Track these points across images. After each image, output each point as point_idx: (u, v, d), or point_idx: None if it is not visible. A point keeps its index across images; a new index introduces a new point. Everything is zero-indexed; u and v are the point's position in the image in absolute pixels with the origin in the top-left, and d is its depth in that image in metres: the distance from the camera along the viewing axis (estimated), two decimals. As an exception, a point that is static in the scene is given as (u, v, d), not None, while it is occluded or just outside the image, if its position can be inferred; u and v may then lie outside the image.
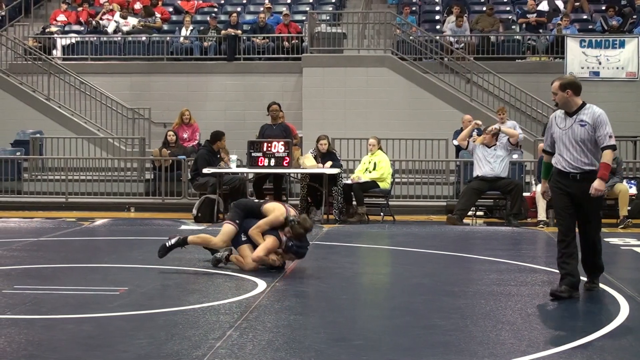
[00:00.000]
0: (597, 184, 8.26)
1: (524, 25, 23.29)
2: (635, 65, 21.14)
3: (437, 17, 24.64)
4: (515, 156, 17.22)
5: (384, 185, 16.22)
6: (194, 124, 19.65)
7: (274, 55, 22.54)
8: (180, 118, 19.55)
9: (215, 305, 7.90)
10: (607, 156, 8.44)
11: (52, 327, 7.00)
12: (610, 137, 8.53)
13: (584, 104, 8.82)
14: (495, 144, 15.94)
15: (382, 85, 20.78)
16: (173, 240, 10.18)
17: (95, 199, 18.78)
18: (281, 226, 9.79)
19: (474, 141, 16.17)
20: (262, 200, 10.33)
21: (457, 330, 6.97)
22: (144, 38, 23.01)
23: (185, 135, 19.40)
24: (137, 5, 24.69)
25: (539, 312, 7.79)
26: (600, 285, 9.14)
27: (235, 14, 23.20)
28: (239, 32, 22.63)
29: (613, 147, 8.52)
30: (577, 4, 24.72)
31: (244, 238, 9.91)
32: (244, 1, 25.84)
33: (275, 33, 22.70)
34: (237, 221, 9.93)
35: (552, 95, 8.76)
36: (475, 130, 18.17)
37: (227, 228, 9.95)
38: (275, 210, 9.90)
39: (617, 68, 20.99)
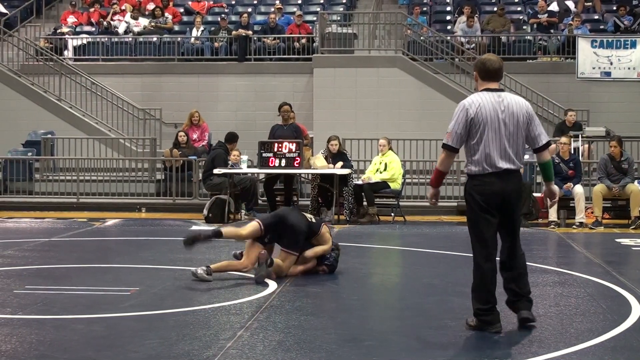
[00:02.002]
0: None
1: (535, 26, 23.24)
2: (646, 66, 21.08)
3: (448, 18, 24.60)
4: (525, 157, 17.17)
5: (395, 185, 16.21)
6: (203, 124, 19.67)
7: (284, 56, 22.54)
8: (189, 119, 19.57)
9: (226, 306, 7.90)
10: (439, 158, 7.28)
11: (63, 327, 7.01)
12: (448, 133, 7.13)
13: None
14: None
15: (393, 85, 20.76)
16: (209, 231, 9.67)
17: (106, 200, 18.82)
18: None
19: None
20: (314, 220, 9.92)
21: (467, 331, 6.95)
22: (154, 39, 23.04)
23: (195, 136, 19.43)
24: (150, 6, 24.72)
25: (550, 313, 7.77)
26: (612, 285, 9.12)
27: (245, 15, 23.22)
28: (250, 32, 22.64)
29: (445, 147, 7.16)
30: (589, 4, 24.66)
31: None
32: (255, 2, 25.85)
33: (285, 34, 22.71)
34: (266, 225, 9.60)
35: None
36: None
37: (254, 226, 9.70)
38: (329, 240, 9.81)
39: (629, 68, 20.92)
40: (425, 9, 24.83)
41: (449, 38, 22.28)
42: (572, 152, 16.41)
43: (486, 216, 6.88)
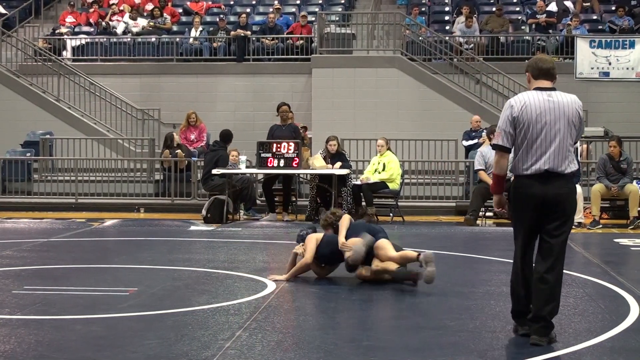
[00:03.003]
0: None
1: (533, 26, 23.25)
2: (645, 66, 21.10)
3: (447, 18, 24.61)
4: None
5: (393, 186, 16.21)
6: (200, 125, 19.64)
7: (283, 56, 22.54)
8: (186, 120, 19.55)
9: (224, 306, 7.91)
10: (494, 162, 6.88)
11: (61, 328, 7.01)
12: (497, 133, 6.73)
13: None
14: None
15: (392, 85, 20.76)
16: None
17: (104, 200, 18.82)
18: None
19: (483, 141, 16.15)
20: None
21: (466, 331, 6.96)
22: (153, 39, 23.04)
23: (192, 137, 19.41)
24: (149, 6, 24.72)
25: (548, 313, 7.76)
26: (610, 285, 9.13)
27: (244, 15, 23.22)
28: (249, 33, 22.64)
29: (495, 147, 6.74)
30: (587, 4, 24.66)
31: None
32: (253, 2, 25.85)
33: (284, 34, 22.71)
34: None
35: None
36: (484, 130, 18.16)
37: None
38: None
39: (627, 68, 20.93)
40: (423, 9, 24.83)
41: (447, 38, 22.28)
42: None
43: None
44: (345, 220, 9.50)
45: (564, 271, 7.76)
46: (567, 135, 6.55)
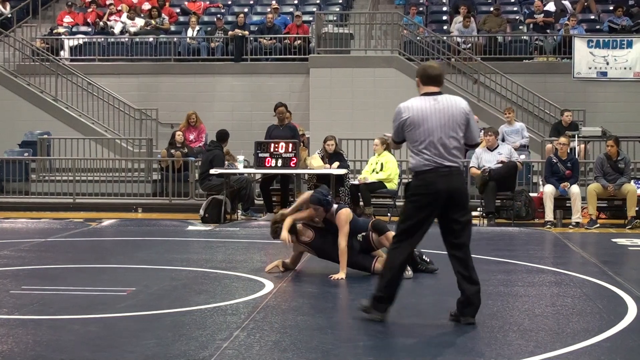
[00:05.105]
0: None
1: (531, 26, 23.26)
2: (642, 65, 21.12)
3: (444, 18, 24.63)
4: (522, 157, 17.21)
5: (391, 185, 16.21)
6: (200, 125, 19.63)
7: (281, 56, 22.54)
8: (187, 120, 19.54)
9: (222, 306, 7.90)
10: None
11: (59, 328, 7.01)
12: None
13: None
14: (497, 145, 16.04)
15: (389, 85, 20.77)
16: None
17: (102, 200, 18.81)
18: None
19: (481, 141, 16.14)
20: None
21: (464, 331, 6.96)
22: (151, 39, 23.04)
23: (191, 137, 19.42)
24: (146, 6, 24.71)
25: (546, 313, 7.77)
26: (608, 285, 9.13)
27: (242, 15, 23.22)
28: (246, 32, 22.65)
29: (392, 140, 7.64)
30: (585, 4, 24.67)
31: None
32: (251, 2, 25.85)
33: (282, 34, 22.71)
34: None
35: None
36: (482, 130, 18.14)
37: None
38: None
39: (625, 68, 20.95)
40: (421, 9, 24.84)
41: (445, 38, 22.29)
42: (569, 152, 16.41)
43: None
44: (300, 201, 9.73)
45: (563, 271, 7.79)
46: (453, 135, 7.14)
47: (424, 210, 7.18)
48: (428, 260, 9.96)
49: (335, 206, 9.65)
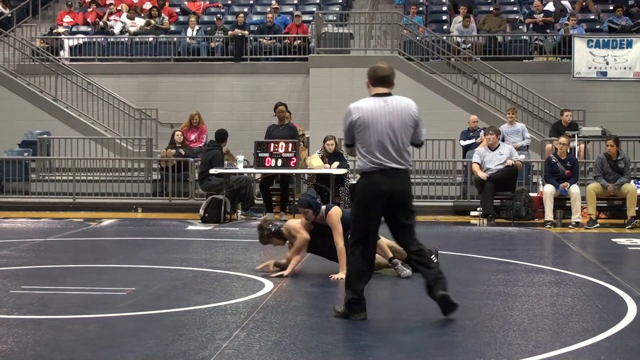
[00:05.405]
0: None
1: (531, 26, 23.26)
2: (642, 65, 21.11)
3: (444, 18, 24.62)
4: (522, 157, 17.21)
5: (391, 185, 16.17)
6: (202, 126, 19.60)
7: (281, 56, 22.54)
8: (189, 121, 19.51)
9: (222, 306, 7.90)
10: None
11: (59, 328, 7.01)
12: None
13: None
14: (499, 145, 16.04)
15: (389, 85, 20.72)
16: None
17: (102, 200, 18.81)
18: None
19: (480, 141, 16.17)
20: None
21: (463, 330, 6.96)
22: (151, 39, 23.03)
23: (192, 137, 19.41)
24: (147, 6, 24.71)
25: (546, 313, 7.78)
26: (608, 285, 9.13)
27: (242, 15, 23.21)
28: (246, 32, 22.64)
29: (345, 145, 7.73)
30: (584, 3, 24.67)
31: None
32: (251, 2, 25.85)
33: (282, 33, 22.71)
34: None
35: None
36: (482, 130, 18.18)
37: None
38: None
39: (625, 68, 20.95)
40: (421, 9, 24.83)
41: (445, 38, 22.29)
42: (569, 152, 16.41)
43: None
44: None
45: (563, 271, 7.80)
46: (403, 136, 7.23)
47: (370, 211, 7.26)
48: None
49: (324, 207, 9.63)
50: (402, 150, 7.22)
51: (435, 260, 9.74)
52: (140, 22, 23.86)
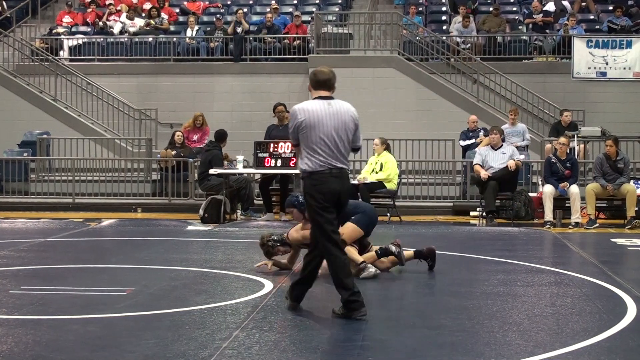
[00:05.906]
0: None
1: (530, 26, 23.27)
2: (642, 66, 21.11)
3: (444, 18, 24.63)
4: (522, 157, 17.21)
5: (391, 185, 16.20)
6: (205, 128, 19.54)
7: (280, 56, 22.54)
8: (193, 121, 19.46)
9: (222, 306, 7.90)
10: None
11: (59, 328, 7.01)
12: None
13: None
14: (502, 145, 16.05)
15: (389, 85, 20.76)
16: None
17: (102, 200, 18.81)
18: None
19: (480, 141, 16.18)
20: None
21: (463, 330, 6.96)
22: (150, 39, 23.04)
23: (195, 138, 19.39)
24: (146, 6, 24.71)
25: (545, 313, 7.78)
26: (607, 285, 9.13)
27: (241, 11, 23.17)
28: (247, 25, 22.62)
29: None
30: (584, 4, 24.68)
31: None
32: (251, 2, 25.85)
33: (282, 34, 22.71)
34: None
35: None
36: (482, 130, 18.19)
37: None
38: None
39: (624, 68, 20.95)
40: (420, 9, 24.84)
41: (444, 38, 22.30)
42: (569, 152, 16.42)
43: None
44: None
45: (563, 271, 7.82)
46: (345, 138, 7.44)
47: (327, 210, 7.39)
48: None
49: None
50: (345, 151, 7.45)
51: (431, 263, 9.91)
52: (139, 22, 23.86)
